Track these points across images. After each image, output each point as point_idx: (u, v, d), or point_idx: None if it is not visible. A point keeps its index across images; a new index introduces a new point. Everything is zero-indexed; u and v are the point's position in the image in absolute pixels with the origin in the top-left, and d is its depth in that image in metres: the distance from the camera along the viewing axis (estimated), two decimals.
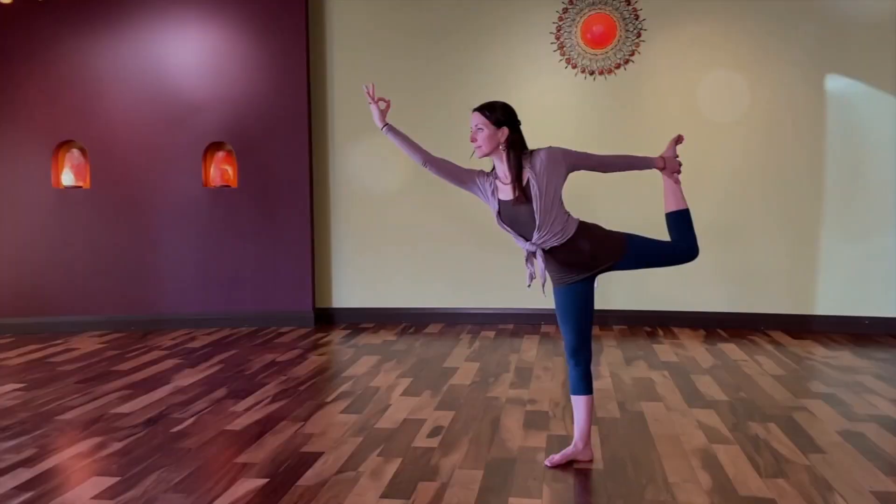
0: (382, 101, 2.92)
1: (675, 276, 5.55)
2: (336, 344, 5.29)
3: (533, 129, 5.73)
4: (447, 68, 5.83)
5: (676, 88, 5.54)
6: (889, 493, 2.57)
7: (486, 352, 4.93)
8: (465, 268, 5.89)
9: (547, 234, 2.75)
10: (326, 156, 6.02)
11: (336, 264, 6.07)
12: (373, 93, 2.91)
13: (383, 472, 2.84)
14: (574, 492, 2.65)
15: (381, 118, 2.91)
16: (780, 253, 5.50)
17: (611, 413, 3.54)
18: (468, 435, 3.25)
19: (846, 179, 5.37)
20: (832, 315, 5.42)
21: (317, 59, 5.98)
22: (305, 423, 3.45)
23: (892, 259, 5.32)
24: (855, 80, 5.31)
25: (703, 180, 5.42)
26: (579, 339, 2.86)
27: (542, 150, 2.78)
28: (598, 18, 5.61)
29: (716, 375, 4.23)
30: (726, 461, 2.90)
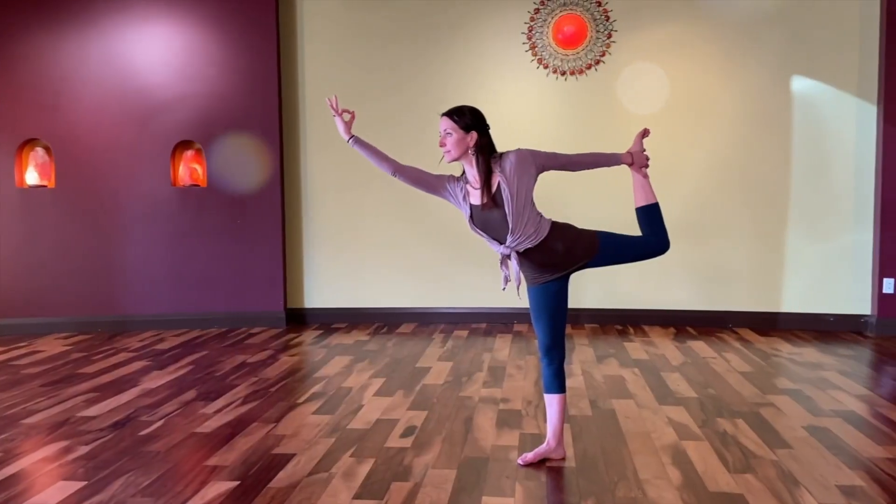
0: (347, 112, 2.90)
1: (645, 274, 5.63)
2: (308, 344, 5.25)
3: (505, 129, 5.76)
4: (419, 66, 5.83)
5: (647, 89, 5.60)
6: (854, 487, 2.63)
7: (459, 351, 4.93)
8: (437, 267, 5.89)
9: (520, 237, 2.76)
10: (298, 155, 5.98)
11: (308, 264, 6.03)
12: (336, 105, 2.89)
13: (356, 473, 2.82)
14: (546, 489, 2.67)
15: (347, 130, 2.89)
16: (747, 252, 5.59)
17: (583, 411, 3.56)
18: (441, 434, 3.25)
19: (811, 180, 5.48)
20: (797, 312, 5.53)
21: (287, 58, 5.93)
22: (277, 425, 3.42)
23: (854, 257, 5.44)
24: (820, 82, 5.42)
25: (673, 180, 5.49)
26: (553, 338, 2.87)
27: (510, 152, 2.78)
28: (570, 19, 5.64)
29: (685, 373, 4.28)
30: (696, 457, 2.93)
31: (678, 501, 2.53)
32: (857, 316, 5.45)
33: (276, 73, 5.77)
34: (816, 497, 2.55)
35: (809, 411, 3.52)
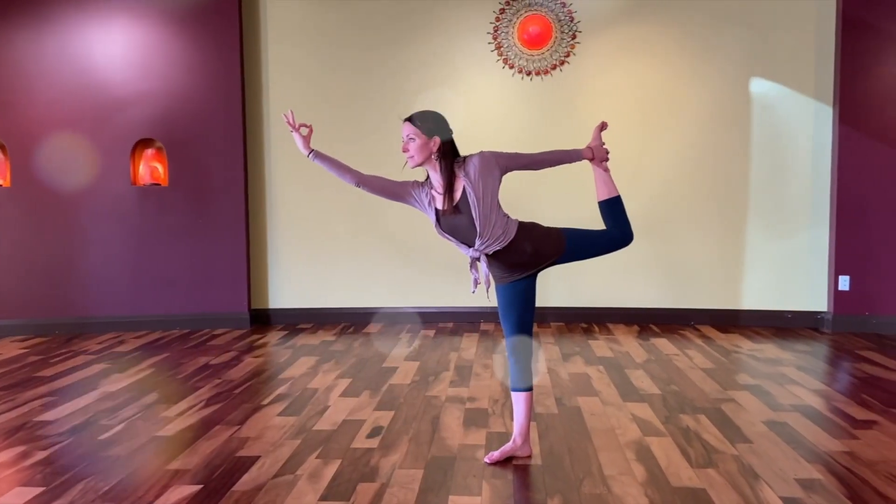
0: (304, 126, 2.87)
1: (609, 273, 5.69)
2: (273, 345, 5.20)
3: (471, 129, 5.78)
4: (385, 66, 5.80)
5: (611, 90, 5.67)
6: (812, 480, 2.69)
7: (426, 351, 4.93)
8: (404, 267, 5.88)
9: (489, 240, 2.76)
10: (262, 153, 5.91)
11: (273, 264, 5.97)
12: (293, 120, 2.86)
13: (322, 475, 2.80)
14: (513, 487, 2.68)
15: (306, 145, 2.86)
16: (708, 250, 5.69)
17: (549, 408, 3.59)
18: (408, 434, 3.25)
19: (770, 180, 5.60)
20: (757, 309, 5.65)
21: (251, 55, 5.86)
22: (241, 427, 3.37)
23: (810, 255, 5.58)
24: (778, 84, 5.55)
25: (636, 180, 5.56)
26: (520, 336, 2.89)
27: (473, 156, 2.77)
28: (535, 19, 5.68)
29: (649, 370, 4.34)
30: (659, 453, 2.98)
31: (642, 497, 2.56)
32: (813, 313, 5.58)
33: (239, 71, 5.70)
34: (776, 490, 2.60)
35: (769, 406, 3.60)
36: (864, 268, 5.37)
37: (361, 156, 5.59)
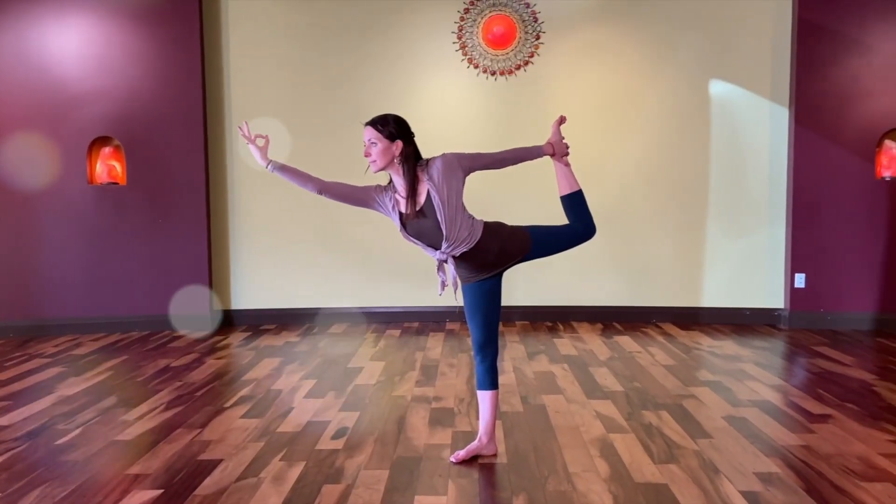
0: (260, 137, 2.83)
1: (573, 272, 5.75)
2: (235, 347, 5.13)
3: (436, 129, 5.77)
4: (349, 65, 5.77)
5: (574, 90, 5.72)
6: (770, 474, 2.75)
7: (392, 350, 4.91)
8: (369, 266, 5.85)
9: (455, 243, 2.76)
10: (224, 151, 5.83)
11: (235, 264, 5.89)
12: (248, 132, 2.82)
13: (286, 477, 2.77)
14: (479, 486, 2.69)
15: (263, 156, 2.82)
16: (669, 249, 5.78)
17: (514, 407, 3.60)
18: (373, 435, 3.23)
19: (728, 179, 5.71)
20: (716, 307, 5.76)
21: (212, 52, 5.77)
22: (203, 430, 3.32)
23: (768, 254, 5.70)
24: (736, 85, 5.66)
25: (598, 179, 5.61)
26: (487, 335, 2.90)
27: (436, 159, 2.76)
28: (499, 20, 5.70)
29: (612, 367, 4.39)
30: (622, 449, 3.01)
31: (606, 493, 2.59)
32: (771, 310, 5.71)
33: (200, 68, 5.60)
34: (736, 484, 2.66)
35: (728, 402, 3.67)
36: (820, 265, 5.51)
37: (326, 157, 5.59)
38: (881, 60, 5.36)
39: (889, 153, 5.42)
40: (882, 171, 5.44)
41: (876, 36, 5.35)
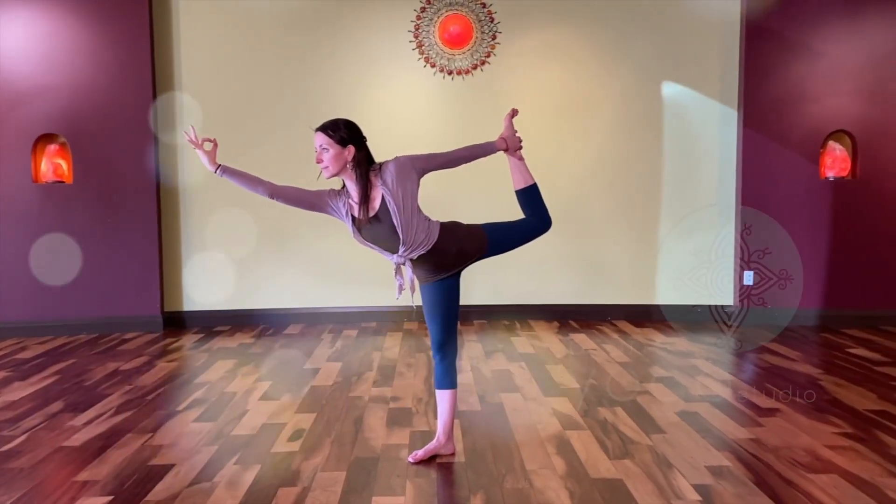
0: (208, 141, 2.76)
1: (530, 271, 5.79)
2: (187, 349, 5.02)
3: (392, 129, 5.75)
4: (304, 63, 5.70)
5: (530, 90, 5.75)
6: (721, 467, 2.82)
7: (349, 351, 4.88)
8: (325, 266, 5.79)
9: (412, 246, 2.75)
10: (175, 150, 5.70)
11: (187, 265, 5.76)
12: (195, 137, 2.75)
13: (241, 481, 2.72)
14: (437, 486, 2.68)
15: (211, 161, 2.76)
16: (623, 248, 5.87)
17: (472, 406, 3.61)
18: (330, 437, 3.20)
19: (680, 179, 5.83)
20: (669, 304, 5.87)
21: (162, 48, 5.64)
22: (154, 435, 3.24)
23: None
24: (687, 87, 5.78)
25: (554, 179, 5.66)
26: (445, 334, 2.90)
27: (389, 162, 2.74)
28: (455, 19, 5.71)
29: (568, 365, 4.44)
30: (578, 446, 3.05)
31: (562, 490, 2.62)
32: (721, 307, 5.85)
33: (150, 64, 5.47)
34: (688, 478, 2.71)
35: (681, 397, 3.75)
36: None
37: (279, 159, 5.50)
38: (825, 64, 5.53)
39: (833, 154, 5.61)
40: (826, 171, 5.62)
41: (820, 40, 5.52)
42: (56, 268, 5.43)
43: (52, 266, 5.42)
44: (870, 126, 5.53)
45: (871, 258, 5.64)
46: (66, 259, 5.43)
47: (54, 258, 5.42)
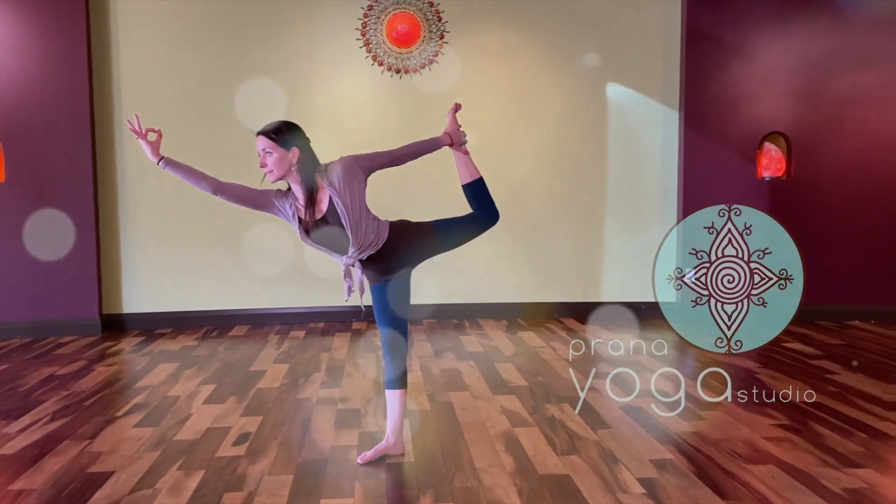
0: (152, 131, 2.70)
1: (479, 270, 5.82)
2: (127, 352, 4.87)
3: (340, 128, 5.70)
4: (248, 62, 5.59)
5: (478, 90, 5.78)
6: (665, 460, 2.89)
7: (296, 352, 4.81)
8: (271, 265, 5.69)
9: (362, 247, 2.72)
10: (113, 147, 5.52)
11: (126, 266, 5.59)
12: (139, 127, 2.68)
13: (184, 487, 2.66)
14: (386, 486, 2.67)
15: (155, 152, 2.69)
16: (570, 246, 5.95)
17: (421, 405, 3.61)
18: (277, 439, 3.15)
19: (624, 179, 5.95)
20: (614, 301, 5.97)
21: (99, 42, 5.45)
22: (92, 441, 3.14)
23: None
24: (630, 89, 5.89)
25: (501, 179, 5.70)
26: (396, 334, 2.88)
27: (335, 164, 2.71)
28: (403, 17, 5.68)
29: (517, 363, 4.48)
30: (527, 443, 3.08)
31: (511, 487, 2.64)
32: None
33: (86, 59, 5.29)
34: (633, 472, 2.77)
35: (626, 393, 3.82)
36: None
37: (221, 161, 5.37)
38: (762, 67, 5.72)
39: (769, 155, 5.81)
40: (762, 171, 5.82)
41: (757, 44, 5.70)
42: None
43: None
44: (803, 128, 5.74)
45: (805, 256, 5.83)
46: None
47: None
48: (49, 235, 5.29)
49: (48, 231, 5.29)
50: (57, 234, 5.30)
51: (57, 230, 5.30)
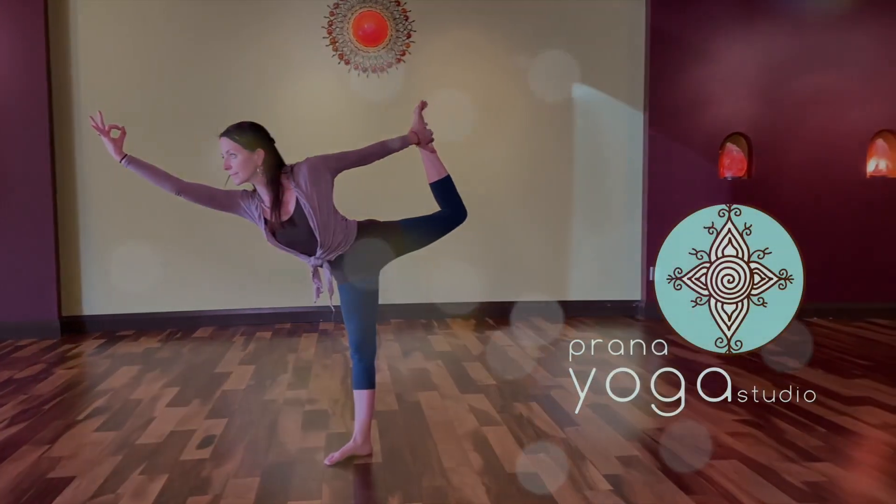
0: (115, 128, 2.64)
1: (447, 269, 5.82)
2: (88, 355, 4.77)
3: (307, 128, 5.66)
4: (212, 60, 5.52)
5: (446, 89, 5.77)
6: (630, 457, 2.92)
7: (262, 353, 4.76)
8: (236, 266, 5.62)
9: (331, 248, 2.70)
10: (73, 146, 5.40)
11: (86, 267, 5.47)
12: (101, 123, 2.62)
13: (147, 492, 2.61)
14: (354, 487, 2.66)
15: (117, 149, 2.63)
16: (538, 245, 5.99)
17: (389, 405, 3.60)
18: (243, 442, 3.11)
19: (590, 179, 6.00)
20: (581, 300, 6.03)
21: (58, 41, 5.32)
22: (52, 446, 3.07)
23: (626, 249, 6.05)
24: (596, 90, 5.95)
25: (468, 179, 5.69)
26: (364, 334, 2.86)
27: (301, 164, 2.68)
28: (369, 16, 5.66)
29: (485, 361, 4.49)
30: (495, 442, 3.09)
31: (479, 486, 2.64)
32: (629, 301, 6.06)
33: (44, 54, 5.16)
34: (599, 469, 2.79)
35: (592, 390, 3.84)
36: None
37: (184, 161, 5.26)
38: (724, 69, 5.82)
39: (730, 155, 5.92)
40: (724, 171, 5.92)
41: (719, 46, 5.80)
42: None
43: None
44: (764, 128, 5.86)
45: None
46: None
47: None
48: (6, 236, 5.15)
49: (5, 231, 5.15)
50: (14, 235, 5.16)
51: (14, 230, 5.16)
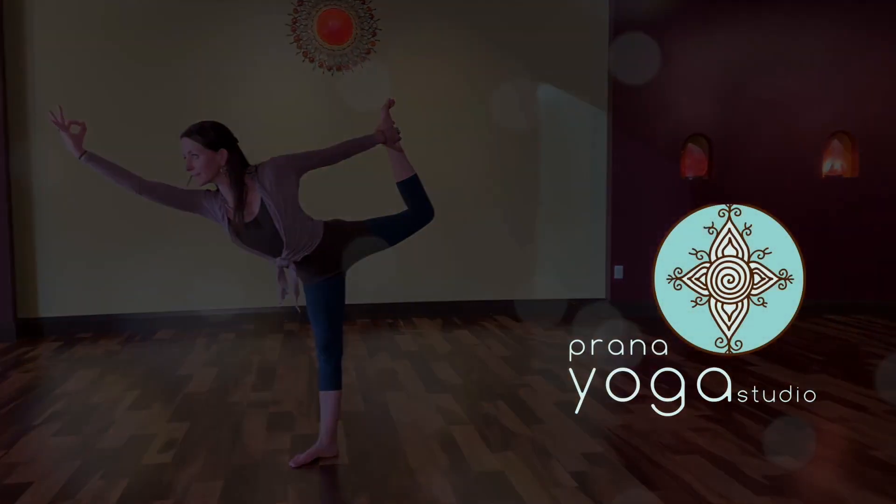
0: (75, 124, 2.57)
1: (412, 268, 5.81)
2: (45, 358, 4.65)
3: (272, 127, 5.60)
4: (172, 59, 5.42)
5: (411, 88, 5.76)
6: (595, 454, 2.95)
7: (226, 355, 4.69)
8: (197, 265, 5.53)
9: (296, 249, 2.67)
10: (29, 145, 5.25)
11: (43, 268, 5.33)
12: (61, 119, 2.55)
13: (107, 497, 2.55)
14: (320, 489, 2.64)
15: (77, 146, 2.57)
16: (504, 245, 6.01)
17: (355, 406, 3.58)
18: (206, 445, 3.06)
19: (556, 179, 6.05)
20: (547, 299, 6.07)
21: (12, 39, 5.18)
22: (8, 452, 2.98)
23: (591, 248, 6.11)
24: (562, 90, 6.00)
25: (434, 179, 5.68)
26: (331, 335, 2.84)
27: (265, 164, 2.65)
28: (334, 14, 5.62)
29: (452, 361, 4.49)
30: (462, 441, 3.09)
31: (446, 485, 2.65)
32: (595, 300, 6.12)
33: None
34: (565, 466, 2.82)
35: (558, 388, 3.89)
36: (635, 258, 5.99)
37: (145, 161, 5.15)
38: (684, 72, 5.92)
39: (691, 156, 6.02)
40: (686, 171, 6.03)
41: (679, 49, 5.90)
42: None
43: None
44: (723, 129, 5.98)
45: None
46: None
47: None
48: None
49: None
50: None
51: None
